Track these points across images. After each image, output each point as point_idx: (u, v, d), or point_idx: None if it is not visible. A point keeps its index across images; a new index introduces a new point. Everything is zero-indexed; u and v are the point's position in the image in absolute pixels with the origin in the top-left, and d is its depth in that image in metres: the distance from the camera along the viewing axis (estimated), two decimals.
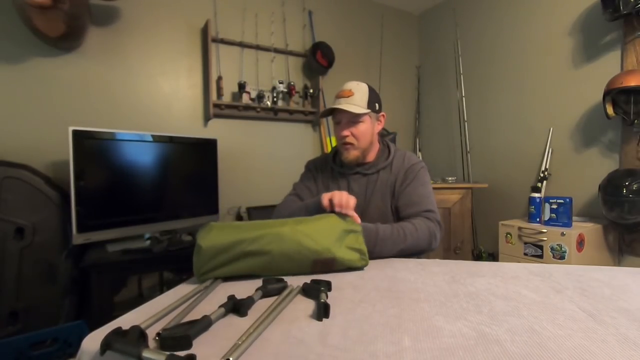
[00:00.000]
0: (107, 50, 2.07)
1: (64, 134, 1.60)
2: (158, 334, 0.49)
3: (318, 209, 0.98)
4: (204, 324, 0.52)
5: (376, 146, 1.23)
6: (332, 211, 0.94)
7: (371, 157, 1.21)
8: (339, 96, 1.13)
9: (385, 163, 1.18)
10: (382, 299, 0.65)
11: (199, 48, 2.36)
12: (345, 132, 1.13)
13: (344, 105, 1.09)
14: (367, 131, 1.14)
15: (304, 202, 1.13)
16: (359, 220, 0.94)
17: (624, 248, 2.07)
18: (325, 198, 0.96)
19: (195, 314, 0.58)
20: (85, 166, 1.64)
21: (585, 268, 0.81)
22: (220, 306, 0.58)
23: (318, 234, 0.82)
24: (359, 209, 1.10)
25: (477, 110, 2.86)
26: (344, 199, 0.93)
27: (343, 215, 0.91)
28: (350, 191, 1.16)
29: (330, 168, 1.25)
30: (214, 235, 0.77)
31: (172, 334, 0.48)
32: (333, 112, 1.14)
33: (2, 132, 1.79)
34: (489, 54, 2.77)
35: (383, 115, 1.22)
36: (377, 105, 1.17)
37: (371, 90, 1.16)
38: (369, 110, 1.12)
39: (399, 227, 1.01)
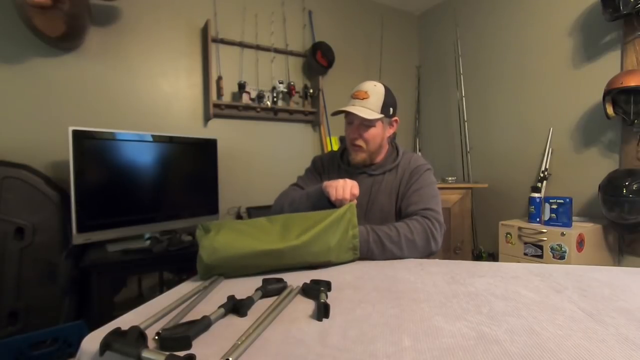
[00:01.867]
0: (107, 50, 2.07)
1: (64, 134, 1.60)
2: (158, 334, 0.49)
3: (319, 197, 1.00)
4: (204, 324, 0.52)
5: (385, 148, 1.22)
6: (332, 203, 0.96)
7: (379, 158, 1.21)
8: (354, 96, 1.11)
9: (392, 165, 1.18)
10: (382, 299, 0.65)
11: (199, 48, 2.36)
12: (355, 135, 1.12)
13: (357, 109, 1.08)
14: (377, 136, 1.13)
15: (306, 190, 1.12)
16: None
17: (624, 248, 2.07)
18: (330, 189, 0.97)
19: (195, 314, 0.58)
20: (85, 166, 1.64)
21: (585, 268, 0.81)
22: (220, 306, 0.58)
23: (317, 245, 0.83)
24: (362, 209, 1.10)
25: (477, 110, 2.86)
26: (346, 193, 0.95)
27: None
28: None
29: (337, 165, 1.25)
30: (216, 242, 0.78)
31: (171, 334, 0.48)
32: (345, 110, 1.13)
33: (2, 132, 1.79)
34: (489, 54, 2.77)
35: (396, 120, 1.21)
36: (391, 109, 1.15)
37: (387, 94, 1.14)
38: (381, 116, 1.11)
39: (394, 227, 0.97)
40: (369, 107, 1.09)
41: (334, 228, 0.86)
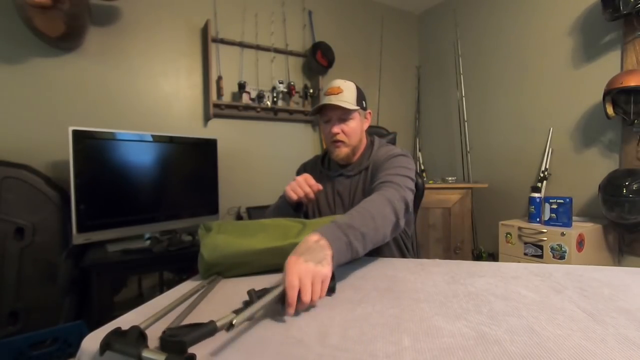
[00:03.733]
0: (107, 50, 2.07)
1: (64, 134, 1.60)
2: (164, 332, 0.49)
3: (284, 205, 1.08)
4: (209, 329, 0.50)
5: (364, 142, 1.22)
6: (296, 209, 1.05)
7: (358, 154, 1.20)
8: (328, 93, 1.12)
9: (367, 162, 1.16)
10: (381, 299, 0.65)
11: (199, 48, 2.36)
12: (336, 129, 1.12)
13: (336, 101, 1.09)
14: (357, 128, 1.14)
15: (275, 203, 1.17)
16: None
17: (624, 248, 2.07)
18: (289, 194, 1.04)
19: (199, 313, 0.58)
20: (85, 166, 1.64)
21: (585, 268, 0.81)
22: (234, 312, 0.55)
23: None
24: (345, 210, 1.08)
25: (477, 110, 2.86)
26: (305, 188, 1.02)
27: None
28: (335, 194, 1.17)
29: (319, 170, 1.26)
30: (217, 240, 0.78)
31: (170, 337, 0.47)
32: (321, 110, 1.14)
33: (2, 132, 1.79)
34: (489, 54, 2.77)
35: (370, 113, 1.23)
36: (364, 102, 1.17)
37: (358, 88, 1.16)
38: (358, 107, 1.12)
39: (357, 207, 0.84)
40: (345, 100, 1.10)
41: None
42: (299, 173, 1.30)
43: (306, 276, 0.60)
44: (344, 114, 1.11)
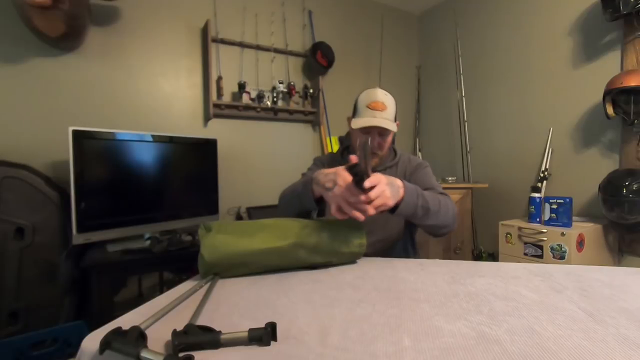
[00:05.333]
0: (107, 50, 2.07)
1: (64, 134, 1.60)
2: (176, 333, 0.48)
3: (308, 196, 0.96)
4: (213, 338, 0.48)
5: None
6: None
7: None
8: (372, 108, 1.10)
9: (391, 163, 1.22)
10: (382, 299, 0.65)
11: (199, 48, 2.36)
12: (374, 144, 1.14)
13: (384, 122, 1.09)
14: (390, 141, 1.19)
15: (295, 188, 1.07)
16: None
17: (624, 248, 2.07)
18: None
19: (207, 315, 0.57)
20: (85, 166, 1.64)
21: (585, 268, 0.81)
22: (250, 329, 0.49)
23: (320, 246, 0.82)
24: None
25: (477, 110, 2.86)
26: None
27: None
28: None
29: (336, 163, 1.26)
30: (217, 240, 0.78)
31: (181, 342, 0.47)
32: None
33: (2, 132, 1.79)
34: (489, 54, 2.77)
35: (398, 124, 1.23)
36: (396, 115, 1.20)
37: (395, 103, 1.18)
38: (397, 123, 1.15)
39: (434, 193, 1.01)
40: (388, 118, 1.11)
41: (339, 231, 0.86)
42: (315, 163, 1.32)
43: (385, 191, 0.81)
44: (384, 130, 1.12)
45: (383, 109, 1.10)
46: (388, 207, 0.84)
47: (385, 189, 0.81)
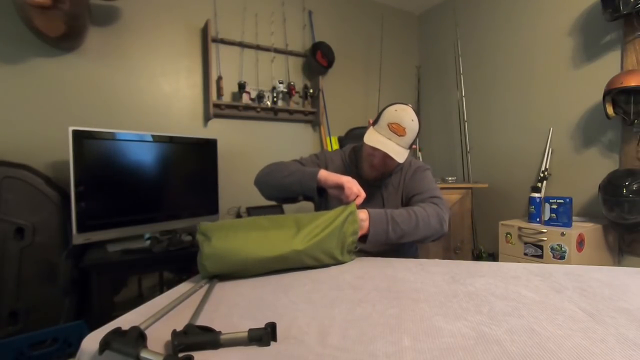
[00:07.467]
0: (107, 50, 2.07)
1: (64, 134, 1.60)
2: (176, 334, 0.48)
3: (311, 182, 1.06)
4: (212, 338, 0.48)
5: None
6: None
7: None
8: (392, 129, 1.06)
9: (396, 169, 1.23)
10: (382, 299, 0.65)
11: (199, 48, 2.36)
12: (379, 164, 1.13)
13: (394, 149, 1.05)
14: (395, 165, 1.15)
15: (298, 169, 1.13)
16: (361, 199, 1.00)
17: (624, 248, 2.07)
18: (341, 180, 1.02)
19: (208, 315, 0.57)
20: (85, 166, 1.64)
21: (585, 268, 0.81)
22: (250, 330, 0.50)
23: (320, 249, 0.84)
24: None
25: (477, 110, 2.85)
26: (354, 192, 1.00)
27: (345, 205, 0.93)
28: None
29: (342, 163, 1.27)
30: (218, 250, 0.77)
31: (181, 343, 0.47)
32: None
33: (2, 132, 1.79)
34: (489, 54, 2.77)
35: (414, 147, 1.21)
36: (417, 139, 1.16)
37: (419, 127, 1.12)
38: (408, 151, 1.11)
39: (410, 210, 1.02)
40: (403, 145, 1.08)
41: (336, 233, 0.87)
42: (317, 155, 1.31)
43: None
44: (391, 158, 1.09)
45: (402, 135, 1.06)
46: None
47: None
